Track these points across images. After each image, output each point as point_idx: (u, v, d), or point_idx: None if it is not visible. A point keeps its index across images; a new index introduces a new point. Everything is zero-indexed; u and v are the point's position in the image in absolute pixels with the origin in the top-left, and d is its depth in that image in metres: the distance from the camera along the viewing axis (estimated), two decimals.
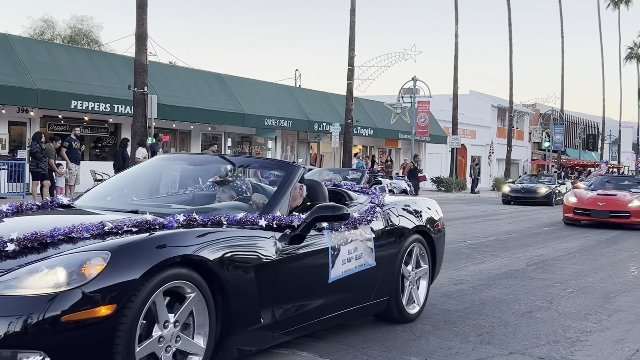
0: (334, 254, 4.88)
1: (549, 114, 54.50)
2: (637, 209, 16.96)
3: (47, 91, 20.61)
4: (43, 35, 42.58)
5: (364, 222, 5.28)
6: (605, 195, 17.66)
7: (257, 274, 4.23)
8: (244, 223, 4.39)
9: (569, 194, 18.62)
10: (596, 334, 5.91)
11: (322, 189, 5.47)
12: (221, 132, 29.81)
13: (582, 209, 17.39)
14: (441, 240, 6.63)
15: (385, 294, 5.65)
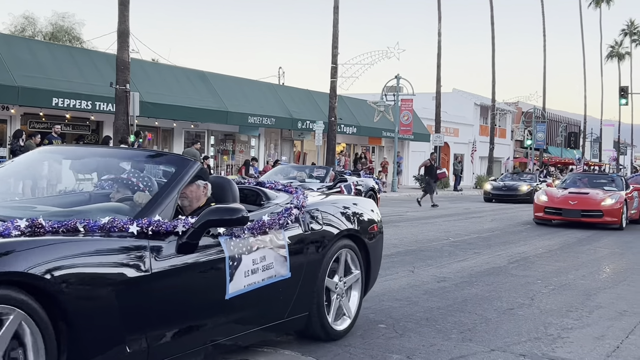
0: (232, 265, 4.10)
1: (531, 112, 54.84)
2: (609, 208, 16.19)
3: (28, 88, 20.41)
4: (24, 32, 42.16)
5: (275, 226, 4.53)
6: (577, 194, 16.89)
7: (121, 293, 3.44)
8: (109, 229, 3.57)
9: (540, 192, 17.80)
10: (577, 330, 5.95)
11: (232, 187, 4.81)
12: (204, 130, 29.70)
13: (553, 208, 16.66)
14: (377, 246, 5.95)
15: (304, 309, 4.91)
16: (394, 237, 12.87)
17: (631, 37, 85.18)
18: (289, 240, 4.67)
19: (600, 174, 22.37)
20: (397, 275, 8.42)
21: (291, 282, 4.68)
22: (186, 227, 3.84)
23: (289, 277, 4.62)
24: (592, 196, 16.63)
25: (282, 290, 4.61)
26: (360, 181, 17.41)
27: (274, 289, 4.52)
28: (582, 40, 68.23)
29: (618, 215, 16.16)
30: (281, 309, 4.69)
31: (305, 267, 4.83)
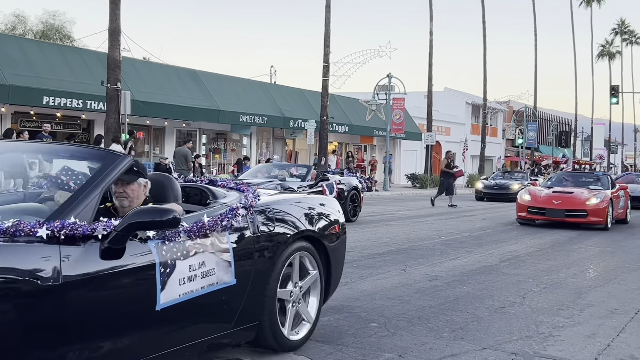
0: (164, 272, 3.65)
1: (522, 111, 55.00)
2: (594, 207, 15.57)
3: (19, 87, 20.32)
4: (14, 30, 41.95)
5: (217, 228, 4.09)
6: (561, 193, 16.27)
7: (24, 307, 3.02)
8: (13, 233, 3.13)
9: (523, 191, 17.09)
10: (568, 328, 5.97)
11: (173, 185, 4.47)
12: (196, 129, 29.64)
13: (536, 208, 16.03)
14: (339, 248, 5.56)
15: (254, 319, 4.50)
16: (385, 236, 12.89)
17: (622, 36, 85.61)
18: (234, 244, 4.25)
19: (586, 173, 21.63)
20: (389, 274, 8.43)
21: (237, 289, 4.25)
22: (107, 230, 3.41)
23: (234, 283, 4.19)
24: (576, 195, 16.06)
25: (227, 298, 4.19)
26: (342, 179, 16.60)
27: (217, 298, 4.10)
28: (573, 40, 68.50)
29: (603, 215, 15.58)
30: (226, 319, 4.28)
31: (254, 273, 4.42)
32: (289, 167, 17.29)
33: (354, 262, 9.32)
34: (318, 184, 15.12)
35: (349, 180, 16.74)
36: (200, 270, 3.95)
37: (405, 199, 28.23)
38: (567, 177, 18.63)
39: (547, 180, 19.05)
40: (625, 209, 18.03)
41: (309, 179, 15.37)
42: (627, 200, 18.36)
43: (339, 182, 15.92)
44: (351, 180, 16.83)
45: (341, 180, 16.17)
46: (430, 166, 40.66)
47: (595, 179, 17.99)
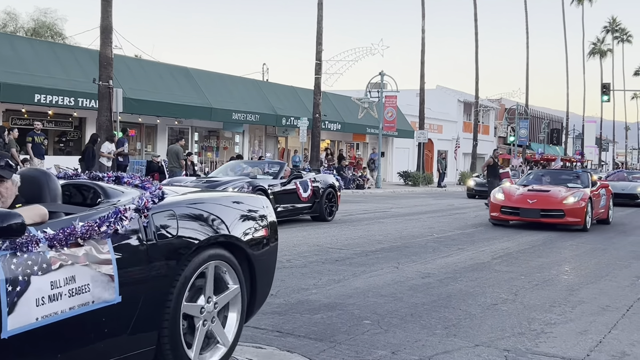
0: (13, 291, 2.95)
1: (514, 109, 55.15)
2: (572, 207, 14.58)
3: (10, 85, 20.24)
4: (5, 27, 41.77)
5: (93, 235, 3.35)
6: (537, 192, 15.28)
7: None
8: None
9: (496, 190, 16.03)
10: (560, 325, 6.00)
11: (50, 182, 3.82)
12: (188, 127, 29.59)
13: (510, 208, 15.02)
14: (268, 257, 4.74)
15: (149, 342, 3.74)
16: (378, 234, 12.91)
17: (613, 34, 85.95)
18: (120, 254, 3.49)
19: (565, 170, 20.47)
20: (381, 272, 8.45)
21: (124, 308, 3.51)
22: None
23: (118, 302, 3.45)
24: (553, 194, 15.06)
25: (108, 320, 3.43)
26: (318, 177, 15.65)
27: (94, 319, 3.36)
28: (564, 37, 68.73)
29: (581, 215, 14.59)
30: (108, 345, 3.49)
31: (148, 287, 3.68)
32: (261, 165, 16.55)
33: (347, 260, 9.34)
34: (291, 182, 14.63)
35: (325, 178, 16.01)
36: (68, 287, 3.19)
37: (398, 197, 28.26)
38: (545, 175, 17.61)
39: (523, 178, 17.83)
40: (607, 208, 17.00)
41: (281, 176, 14.72)
42: (609, 199, 17.27)
43: (314, 179, 15.29)
44: (327, 178, 16.09)
45: (316, 178, 15.46)
46: (423, 164, 40.72)
47: (575, 176, 17.05)
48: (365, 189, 32.44)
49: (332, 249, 10.41)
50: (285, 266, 8.62)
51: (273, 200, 13.16)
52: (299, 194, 14.65)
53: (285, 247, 10.50)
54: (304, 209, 14.91)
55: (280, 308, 6.21)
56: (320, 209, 15.19)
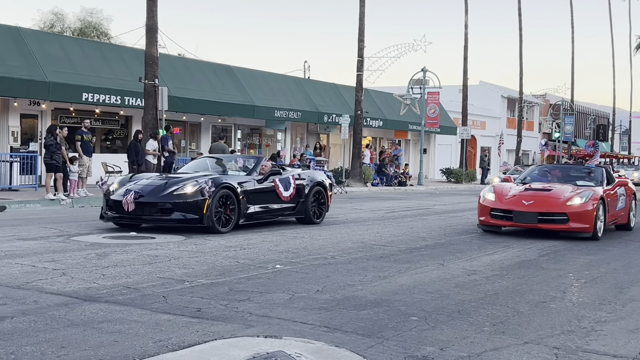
0: None
1: (559, 105, 54.26)
2: (578, 209, 11.95)
3: (59, 84, 20.70)
4: (53, 28, 42.69)
5: None
6: (536, 191, 12.62)
7: None
8: None
9: (487, 189, 13.34)
10: (610, 323, 5.92)
11: None
12: (231, 124, 29.86)
13: (501, 210, 12.43)
14: None
15: None
16: (422, 231, 12.87)
17: None
18: None
19: (576, 165, 17.19)
20: (427, 268, 8.43)
21: None
22: None
23: None
24: (555, 194, 12.42)
25: None
26: (302, 174, 13.80)
27: None
28: (610, 31, 67.51)
29: (589, 219, 11.92)
30: None
31: None
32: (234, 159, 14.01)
33: (391, 257, 9.34)
34: (268, 179, 12.74)
35: (312, 174, 14.25)
36: None
37: (440, 194, 28.10)
38: (551, 170, 14.72)
39: (525, 173, 14.97)
40: (627, 210, 14.25)
41: (257, 172, 12.73)
42: (630, 199, 14.42)
43: (299, 176, 13.53)
44: (315, 174, 14.34)
45: (301, 175, 13.68)
46: (466, 160, 40.37)
47: (587, 172, 14.08)
48: (407, 185, 32.31)
49: (376, 246, 10.42)
50: (330, 262, 8.67)
51: (244, 199, 11.82)
52: (279, 193, 12.84)
53: (329, 243, 10.55)
54: (285, 209, 13.10)
55: (326, 304, 6.26)
56: (305, 210, 13.49)
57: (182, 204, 11.12)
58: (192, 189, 11.17)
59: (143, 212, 11.28)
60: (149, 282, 6.96)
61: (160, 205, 11.20)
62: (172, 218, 11.16)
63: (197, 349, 4.70)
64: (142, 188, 11.44)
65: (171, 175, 12.92)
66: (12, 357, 4.42)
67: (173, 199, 11.16)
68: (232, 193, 11.55)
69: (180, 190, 11.21)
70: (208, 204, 11.02)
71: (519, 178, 14.37)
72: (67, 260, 8.13)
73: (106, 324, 5.29)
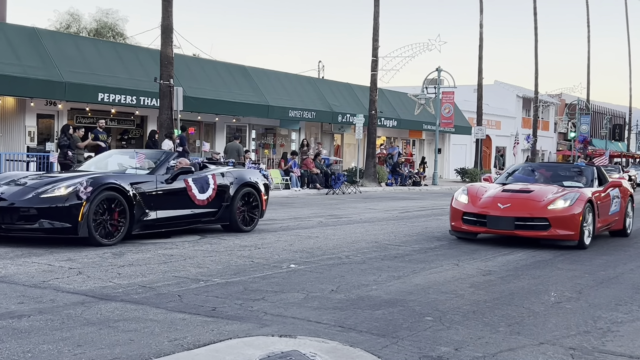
0: None
1: (574, 104, 53.95)
2: (561, 214, 10.48)
3: (75, 84, 20.83)
4: (69, 28, 42.97)
5: None
6: (514, 192, 11.19)
7: None
8: None
9: (460, 190, 11.81)
10: (627, 324, 5.88)
11: None
12: (245, 124, 29.92)
13: (474, 215, 10.97)
14: None
15: None
16: (436, 231, 12.84)
17: None
18: None
19: (564, 164, 15.55)
20: (441, 268, 8.41)
21: None
22: None
23: None
24: (535, 196, 10.97)
25: None
26: (228, 172, 11.77)
27: None
28: (627, 30, 66.90)
29: (574, 225, 10.48)
30: None
31: None
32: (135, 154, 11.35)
33: (406, 256, 9.33)
34: (177, 178, 10.63)
35: (241, 173, 12.06)
36: None
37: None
38: (536, 169, 13.24)
39: (506, 172, 13.50)
40: (623, 214, 12.81)
41: (162, 170, 10.60)
42: (626, 202, 12.99)
43: (221, 175, 11.48)
44: (244, 173, 12.22)
45: (225, 174, 11.60)
46: (481, 160, 40.21)
47: (577, 172, 12.62)
48: (422, 185, 32.23)
49: (391, 246, 10.41)
50: (345, 262, 8.67)
51: (140, 204, 9.75)
52: (192, 196, 10.74)
53: (343, 243, 10.55)
54: (201, 215, 11.01)
55: (341, 303, 6.26)
56: (230, 216, 11.43)
57: (50, 210, 8.93)
58: (65, 191, 9.07)
59: (3, 220, 9.03)
60: (165, 281, 6.99)
61: (22, 211, 8.98)
62: (37, 227, 8.94)
63: (212, 348, 4.72)
64: (5, 190, 9.29)
65: (50, 174, 10.63)
66: (29, 355, 4.46)
67: (39, 204, 8.95)
68: (121, 196, 9.47)
69: (50, 193, 9.07)
70: (84, 210, 8.94)
71: (500, 178, 12.97)
72: (83, 259, 8.18)
73: (122, 322, 5.33)
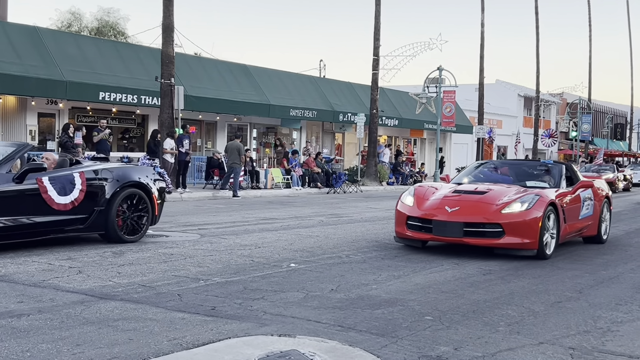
0: None
1: (576, 103, 53.88)
2: (517, 219, 9.17)
3: (76, 83, 20.84)
4: (70, 27, 43.00)
5: None
6: (465, 194, 9.84)
7: None
8: None
9: (407, 191, 10.45)
10: (627, 324, 5.87)
11: None
12: (247, 123, 29.92)
13: (418, 220, 9.65)
14: None
15: None
16: None
17: None
18: None
19: (531, 161, 14.11)
20: (441, 268, 8.40)
21: None
22: None
23: None
24: (489, 198, 9.61)
25: None
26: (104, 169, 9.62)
27: None
28: (629, 29, 66.76)
29: (532, 232, 9.18)
30: None
31: None
32: None
33: (406, 256, 9.32)
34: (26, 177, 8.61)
35: (124, 172, 9.88)
36: None
37: None
38: (499, 167, 11.86)
39: (465, 171, 12.08)
40: (597, 219, 11.41)
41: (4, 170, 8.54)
42: (601, 205, 11.63)
43: (94, 174, 9.40)
44: (128, 172, 9.98)
45: (100, 172, 9.49)
46: (482, 159, 40.20)
47: (543, 170, 11.25)
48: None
49: (391, 245, 10.40)
50: (345, 261, 8.67)
51: None
52: (48, 199, 8.73)
53: (344, 242, 10.54)
54: (63, 223, 8.96)
55: (340, 303, 6.25)
56: (107, 223, 9.39)
57: None
58: None
59: None
60: (164, 281, 6.99)
61: None
62: None
63: (211, 348, 4.72)
64: None
65: None
66: (28, 354, 4.46)
67: None
68: None
69: None
70: None
71: (458, 177, 11.71)
72: (83, 258, 8.19)
73: (121, 322, 5.32)
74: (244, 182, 23.13)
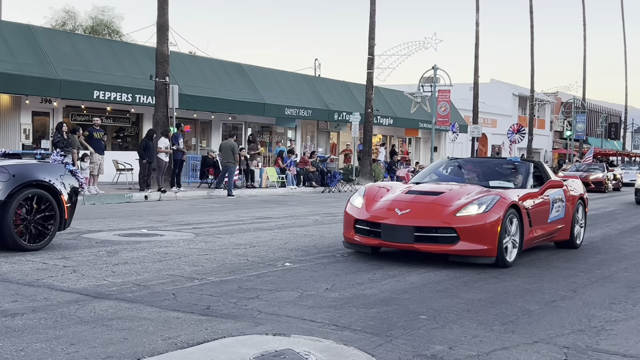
0: None
1: (570, 103, 54.02)
2: (473, 223, 8.29)
3: (70, 81, 20.78)
4: (65, 26, 42.86)
5: None
6: (419, 194, 8.96)
7: None
8: None
9: (357, 192, 9.67)
10: (621, 323, 5.89)
11: None
12: (241, 122, 29.89)
13: (366, 223, 8.82)
14: None
15: None
16: None
17: None
18: None
19: (497, 159, 12.86)
20: (436, 267, 8.40)
21: None
22: None
23: None
24: (443, 199, 8.74)
25: None
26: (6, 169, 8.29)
27: None
28: (622, 28, 66.93)
29: (489, 238, 8.28)
30: None
31: None
32: None
33: (401, 255, 9.31)
34: None
35: (25, 169, 8.62)
36: None
37: None
38: (463, 166, 10.70)
39: (427, 169, 11.25)
40: (569, 222, 10.49)
41: None
42: (574, 207, 10.67)
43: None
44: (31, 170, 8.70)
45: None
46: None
47: (510, 169, 10.31)
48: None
49: None
50: (340, 260, 8.67)
51: None
52: None
53: (339, 241, 10.53)
54: None
55: (335, 302, 6.25)
56: (1, 230, 8.21)
57: None
58: None
59: None
60: (159, 280, 6.98)
61: None
62: None
63: (206, 347, 4.72)
64: None
65: None
66: (22, 354, 4.45)
67: None
68: None
69: None
70: None
71: (417, 176, 11.01)
72: (77, 258, 8.17)
73: (116, 321, 5.31)
74: (238, 181, 23.13)
